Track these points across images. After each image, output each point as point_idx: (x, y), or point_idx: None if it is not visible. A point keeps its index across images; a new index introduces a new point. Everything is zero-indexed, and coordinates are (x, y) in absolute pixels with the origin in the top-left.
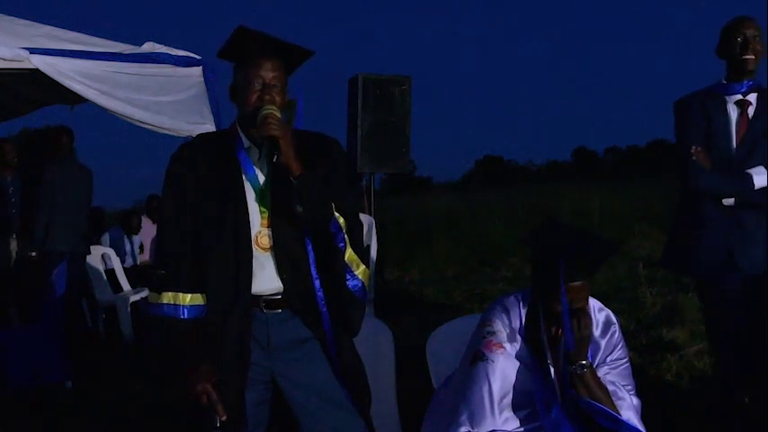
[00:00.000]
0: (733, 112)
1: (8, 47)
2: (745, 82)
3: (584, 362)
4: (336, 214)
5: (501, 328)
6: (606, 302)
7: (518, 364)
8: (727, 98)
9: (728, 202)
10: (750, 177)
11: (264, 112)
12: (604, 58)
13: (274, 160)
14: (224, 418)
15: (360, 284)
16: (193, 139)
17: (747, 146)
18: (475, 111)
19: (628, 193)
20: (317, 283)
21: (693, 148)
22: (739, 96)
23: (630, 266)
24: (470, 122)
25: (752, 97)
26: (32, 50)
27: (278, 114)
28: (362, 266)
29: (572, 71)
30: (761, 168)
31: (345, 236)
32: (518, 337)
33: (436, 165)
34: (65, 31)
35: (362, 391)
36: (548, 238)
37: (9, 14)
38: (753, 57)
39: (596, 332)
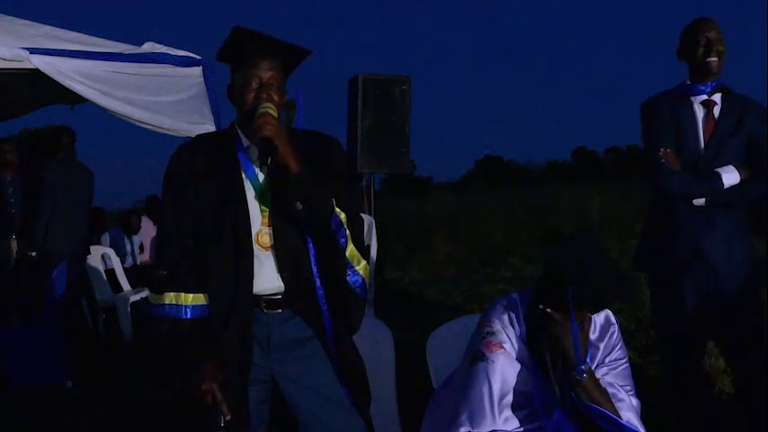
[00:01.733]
0: (699, 112)
1: (8, 47)
2: (710, 83)
3: (582, 366)
4: (337, 209)
5: (501, 328)
6: None
7: (518, 364)
8: (692, 99)
9: (699, 202)
10: (719, 176)
11: (261, 110)
12: (605, 57)
13: (268, 163)
14: (228, 417)
15: (360, 280)
16: (192, 140)
17: (715, 146)
18: (475, 111)
19: (628, 193)
20: (318, 281)
21: (662, 150)
22: (705, 96)
23: (630, 266)
24: (470, 122)
25: (716, 97)
26: (32, 50)
27: (274, 113)
28: (363, 262)
29: (572, 71)
30: (730, 167)
31: (347, 231)
32: (518, 338)
33: (436, 165)
34: (65, 31)
35: (362, 390)
36: (563, 256)
37: (9, 14)
38: (716, 59)
39: (595, 334)
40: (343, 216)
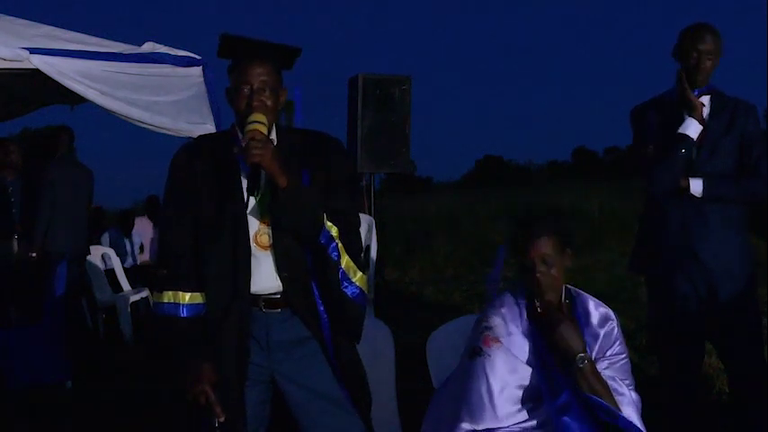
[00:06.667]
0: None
1: (8, 47)
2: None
3: (582, 354)
4: (328, 224)
5: (498, 322)
6: (606, 302)
7: (517, 358)
8: None
9: (697, 191)
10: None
11: (249, 126)
12: (605, 57)
13: (254, 194)
14: (222, 419)
15: (358, 291)
16: (193, 141)
17: (708, 147)
18: (475, 111)
19: (628, 193)
20: (315, 282)
21: (649, 147)
22: None
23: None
24: (470, 122)
25: (705, 99)
26: (32, 50)
27: (262, 128)
28: (360, 273)
29: (572, 71)
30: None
31: (339, 245)
32: (517, 331)
33: (436, 165)
34: (65, 31)
35: (362, 391)
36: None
37: (9, 14)
38: (705, 73)
39: (594, 323)
40: (334, 231)
